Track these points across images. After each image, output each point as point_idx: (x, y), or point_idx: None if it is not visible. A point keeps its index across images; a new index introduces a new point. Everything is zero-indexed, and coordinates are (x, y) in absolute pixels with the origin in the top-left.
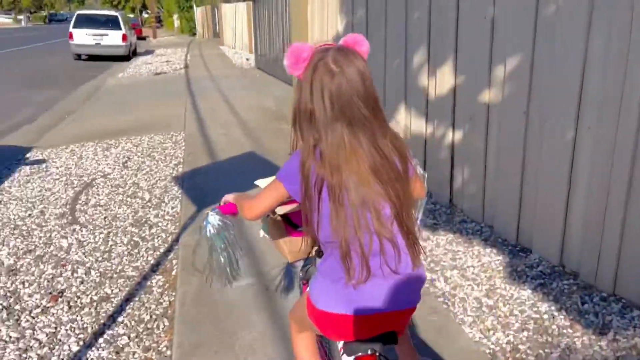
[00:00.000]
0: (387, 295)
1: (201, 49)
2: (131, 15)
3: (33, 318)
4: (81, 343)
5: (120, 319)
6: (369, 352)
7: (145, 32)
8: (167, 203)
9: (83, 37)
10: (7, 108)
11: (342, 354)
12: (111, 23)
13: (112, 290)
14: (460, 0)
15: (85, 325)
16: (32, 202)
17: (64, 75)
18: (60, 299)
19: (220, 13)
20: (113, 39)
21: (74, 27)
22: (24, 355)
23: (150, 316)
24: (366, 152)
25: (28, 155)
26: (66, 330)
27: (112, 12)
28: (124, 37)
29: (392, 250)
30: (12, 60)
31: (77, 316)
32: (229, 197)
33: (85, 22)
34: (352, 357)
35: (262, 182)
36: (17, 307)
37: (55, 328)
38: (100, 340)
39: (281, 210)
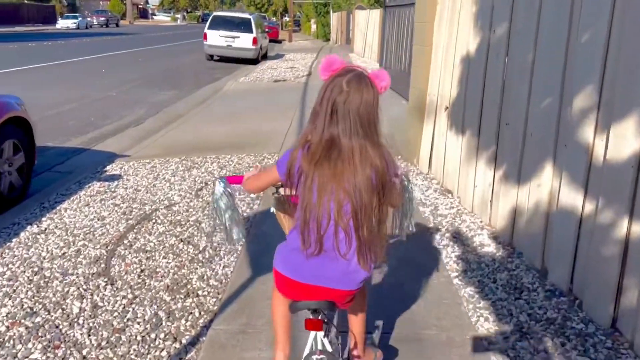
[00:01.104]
0: (328, 274)
1: None
2: (273, 19)
3: None
4: None
5: None
6: (319, 317)
7: (283, 35)
8: (221, 258)
9: (216, 38)
10: (122, 107)
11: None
12: (243, 26)
13: None
14: None
15: None
16: (76, 235)
17: (190, 75)
18: None
19: (353, 19)
20: (243, 41)
21: (209, 28)
22: None
23: None
24: (346, 159)
25: (107, 167)
26: None
27: (245, 15)
28: (254, 41)
29: (344, 237)
30: (152, 56)
31: None
32: (247, 174)
33: (220, 23)
34: (296, 314)
35: None
36: None
37: None
38: None
39: (283, 191)
